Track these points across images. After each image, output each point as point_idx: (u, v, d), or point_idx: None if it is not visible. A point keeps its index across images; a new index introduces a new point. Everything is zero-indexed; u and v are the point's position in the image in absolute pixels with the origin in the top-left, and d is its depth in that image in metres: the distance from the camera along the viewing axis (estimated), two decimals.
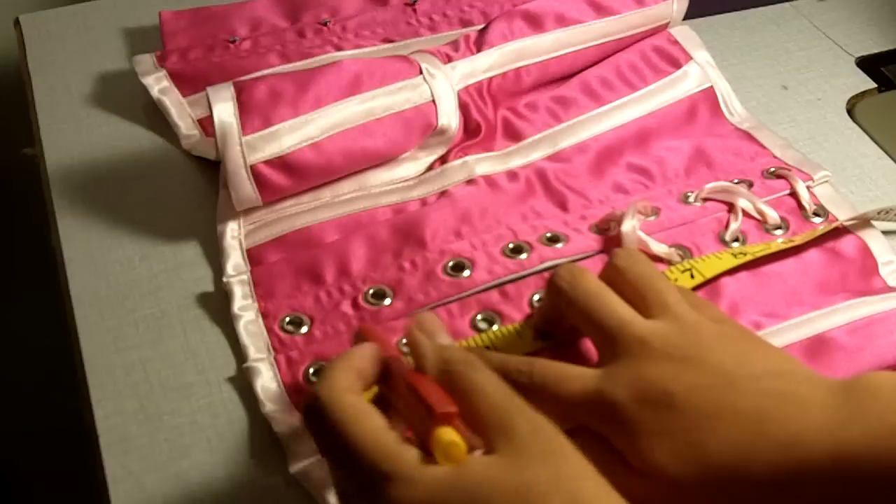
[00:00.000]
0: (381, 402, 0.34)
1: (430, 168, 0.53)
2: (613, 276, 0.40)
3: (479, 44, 0.54)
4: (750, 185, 0.52)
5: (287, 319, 0.45)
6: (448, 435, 0.30)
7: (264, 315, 0.45)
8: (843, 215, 0.51)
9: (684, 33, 0.59)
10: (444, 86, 0.52)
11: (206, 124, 0.55)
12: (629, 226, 0.47)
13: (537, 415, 0.32)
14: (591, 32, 0.57)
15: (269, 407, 0.42)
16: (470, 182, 0.51)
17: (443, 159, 0.53)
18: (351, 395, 0.33)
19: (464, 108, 0.53)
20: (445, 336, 0.37)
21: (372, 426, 0.31)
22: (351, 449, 0.31)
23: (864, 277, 0.48)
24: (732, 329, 0.39)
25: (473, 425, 0.32)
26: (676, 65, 0.58)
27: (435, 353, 0.34)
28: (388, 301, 0.45)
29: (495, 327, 0.44)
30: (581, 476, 0.31)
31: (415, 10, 0.63)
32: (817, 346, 0.43)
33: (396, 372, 0.34)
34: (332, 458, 0.33)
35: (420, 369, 0.34)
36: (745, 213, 0.50)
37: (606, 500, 0.31)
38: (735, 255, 0.46)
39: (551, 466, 0.30)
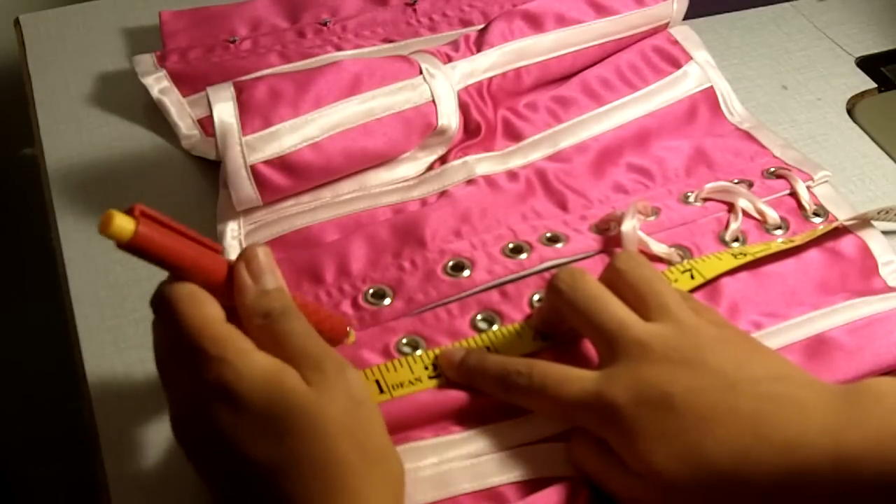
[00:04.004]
0: None
1: (430, 168, 0.53)
2: (614, 279, 0.40)
3: (479, 44, 0.54)
4: (750, 185, 0.52)
5: None
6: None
7: None
8: (843, 215, 0.51)
9: (684, 33, 0.59)
10: (444, 86, 0.52)
11: (206, 124, 0.55)
12: (629, 226, 0.47)
13: (342, 358, 0.36)
14: (591, 32, 0.57)
15: None
16: (470, 182, 0.51)
17: (443, 159, 0.53)
18: (193, 285, 0.35)
19: (464, 108, 0.53)
20: (271, 277, 0.37)
21: (209, 313, 0.34)
22: (186, 331, 0.33)
23: (864, 277, 0.48)
24: (732, 333, 0.39)
25: (286, 362, 0.34)
26: (676, 65, 0.58)
27: (255, 301, 0.36)
28: (387, 301, 0.45)
29: (495, 327, 0.44)
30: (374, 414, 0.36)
31: (415, 10, 0.63)
32: (817, 346, 0.43)
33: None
34: (170, 344, 0.35)
35: (239, 309, 0.36)
36: (745, 213, 0.50)
37: (382, 431, 0.35)
38: (735, 256, 0.46)
39: (352, 403, 0.34)
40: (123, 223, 0.32)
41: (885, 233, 0.50)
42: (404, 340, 0.44)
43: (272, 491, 0.32)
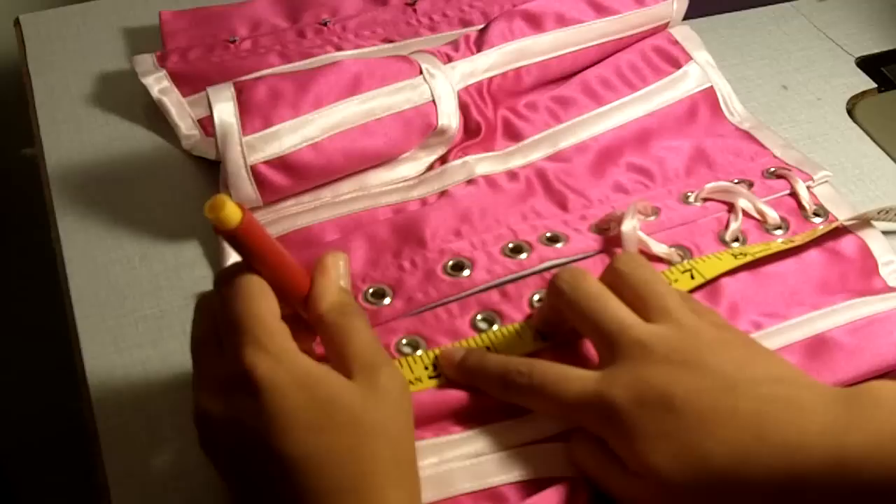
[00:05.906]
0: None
1: (430, 168, 0.53)
2: (614, 280, 0.40)
3: (479, 44, 0.54)
4: (750, 185, 0.52)
5: None
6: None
7: None
8: (843, 215, 0.51)
9: (684, 33, 0.59)
10: (444, 86, 0.52)
11: (207, 124, 0.55)
12: (629, 226, 0.47)
13: (396, 365, 0.37)
14: (591, 32, 0.57)
15: None
16: (470, 182, 0.51)
17: (443, 159, 0.53)
18: (257, 276, 0.35)
19: (464, 108, 0.53)
20: (347, 282, 0.38)
21: (269, 306, 0.35)
22: (242, 316, 0.34)
23: (864, 277, 0.48)
24: (733, 334, 0.39)
25: (344, 359, 0.35)
26: (676, 65, 0.58)
27: (338, 295, 0.37)
28: (387, 300, 0.45)
29: (495, 327, 0.44)
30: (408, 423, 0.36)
31: (415, 10, 0.63)
32: (817, 346, 0.43)
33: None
34: (217, 326, 0.36)
35: (314, 302, 0.37)
36: (745, 213, 0.50)
37: (413, 445, 0.36)
38: (735, 256, 0.46)
39: (396, 408, 0.35)
40: (234, 210, 0.33)
41: (885, 233, 0.50)
42: (404, 340, 0.44)
43: (294, 482, 0.33)
